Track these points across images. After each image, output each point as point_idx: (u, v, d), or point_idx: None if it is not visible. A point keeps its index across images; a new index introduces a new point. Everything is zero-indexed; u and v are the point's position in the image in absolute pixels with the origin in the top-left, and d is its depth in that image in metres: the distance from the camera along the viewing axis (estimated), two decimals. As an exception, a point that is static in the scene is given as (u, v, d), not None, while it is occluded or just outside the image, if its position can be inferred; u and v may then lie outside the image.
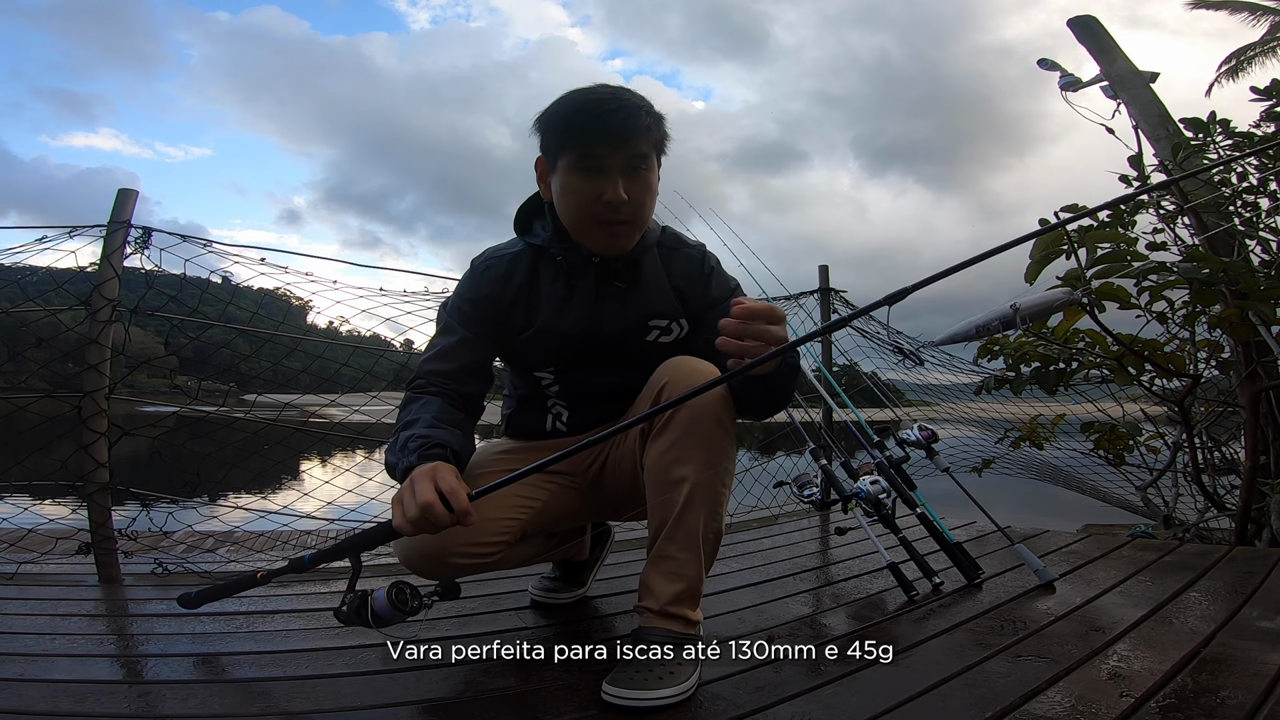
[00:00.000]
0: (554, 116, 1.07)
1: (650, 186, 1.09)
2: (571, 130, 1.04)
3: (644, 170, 1.07)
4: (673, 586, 0.99)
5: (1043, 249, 1.97)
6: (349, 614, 0.98)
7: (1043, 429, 2.71)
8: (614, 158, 1.04)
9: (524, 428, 1.26)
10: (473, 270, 1.18)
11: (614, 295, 1.15)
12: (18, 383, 2.02)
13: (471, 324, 1.14)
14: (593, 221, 1.07)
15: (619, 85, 1.09)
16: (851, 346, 3.09)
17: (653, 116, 1.07)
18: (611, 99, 1.04)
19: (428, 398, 1.09)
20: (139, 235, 1.77)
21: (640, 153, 1.05)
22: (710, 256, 1.22)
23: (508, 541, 1.09)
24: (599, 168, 1.04)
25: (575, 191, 1.06)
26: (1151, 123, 2.71)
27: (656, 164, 1.10)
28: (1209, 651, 1.08)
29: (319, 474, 2.31)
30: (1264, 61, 10.66)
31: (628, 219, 1.07)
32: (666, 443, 1.01)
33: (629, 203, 1.05)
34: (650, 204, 1.11)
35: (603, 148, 1.03)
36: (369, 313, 2.23)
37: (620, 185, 1.04)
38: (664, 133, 1.10)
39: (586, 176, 1.04)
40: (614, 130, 1.02)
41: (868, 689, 0.96)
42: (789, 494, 1.72)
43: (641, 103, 1.06)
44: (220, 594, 1.19)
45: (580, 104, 1.05)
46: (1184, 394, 2.24)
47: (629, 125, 1.03)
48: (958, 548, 1.54)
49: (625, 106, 1.04)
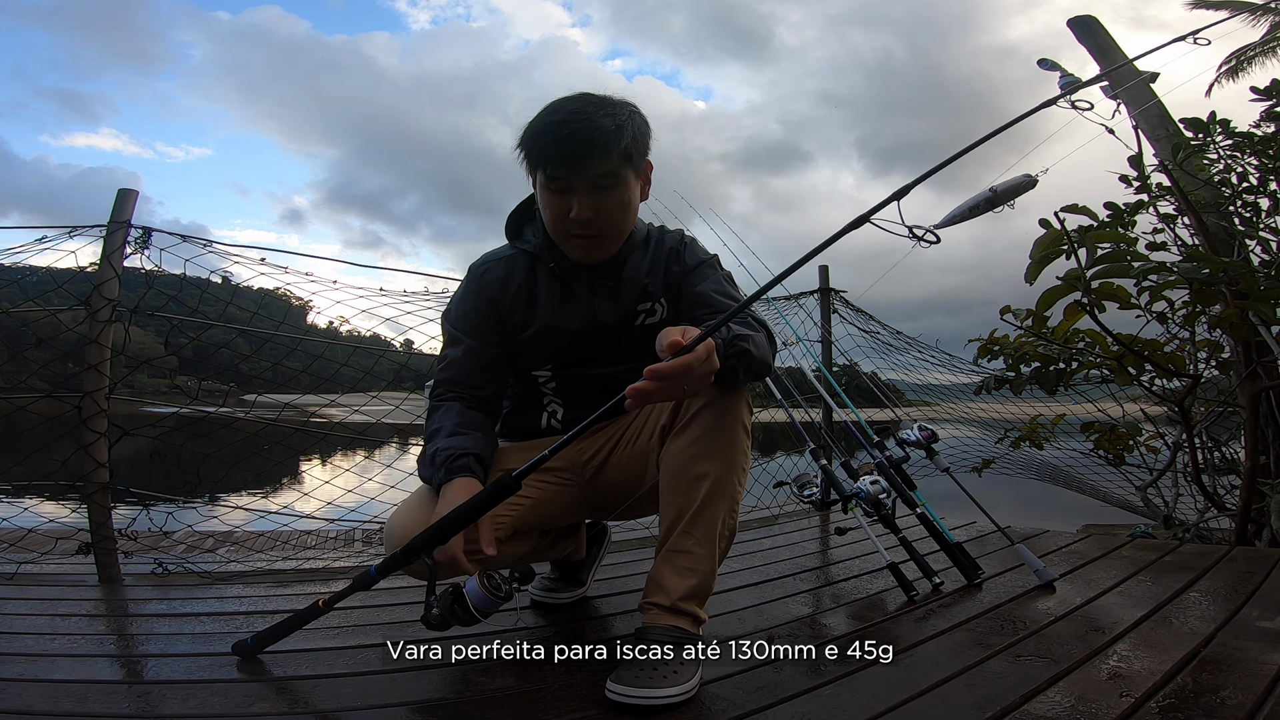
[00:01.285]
0: (523, 137, 1.08)
1: (622, 201, 1.10)
2: (533, 153, 1.07)
3: (612, 187, 1.07)
4: (685, 581, 0.99)
5: (1043, 249, 1.97)
6: (443, 614, 0.94)
7: (1043, 429, 2.71)
8: (576, 178, 1.05)
9: (520, 427, 1.26)
10: (471, 276, 1.21)
11: (606, 291, 1.18)
12: (18, 383, 2.03)
13: (476, 331, 1.18)
14: (565, 235, 1.11)
15: (597, 97, 1.08)
16: (852, 347, 3.09)
17: (618, 133, 1.04)
18: (569, 122, 1.03)
19: (447, 404, 1.16)
20: (139, 235, 1.77)
21: (604, 171, 1.06)
22: (687, 236, 1.27)
23: (498, 538, 1.09)
24: (565, 188, 1.06)
25: (547, 208, 1.10)
26: (1151, 123, 2.71)
27: (633, 176, 1.10)
28: (1209, 651, 1.08)
29: (319, 474, 2.31)
30: (1264, 61, 10.67)
31: (598, 233, 1.10)
32: (689, 439, 1.03)
33: (597, 218, 1.08)
34: (624, 216, 1.12)
35: (563, 169, 1.05)
36: (369, 313, 2.24)
37: (585, 204, 1.06)
38: (639, 143, 1.10)
39: (555, 195, 1.07)
40: (571, 155, 1.04)
41: (868, 689, 0.96)
42: (789, 494, 1.73)
43: (603, 121, 1.04)
44: (280, 634, 1.07)
45: (540, 128, 1.06)
46: (1184, 394, 2.24)
47: (584, 148, 1.03)
48: (958, 548, 1.54)
49: (582, 129, 1.02)
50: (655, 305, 1.21)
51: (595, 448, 1.20)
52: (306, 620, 1.06)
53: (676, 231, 1.27)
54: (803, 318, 3.02)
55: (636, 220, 1.19)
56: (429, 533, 0.95)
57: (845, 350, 3.06)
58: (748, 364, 0.97)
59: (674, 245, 1.24)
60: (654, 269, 1.21)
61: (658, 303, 1.21)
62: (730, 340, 0.95)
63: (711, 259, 1.24)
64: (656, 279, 1.21)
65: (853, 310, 3.12)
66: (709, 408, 1.02)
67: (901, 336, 3.31)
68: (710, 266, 1.22)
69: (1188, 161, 2.34)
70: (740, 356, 0.95)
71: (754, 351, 0.97)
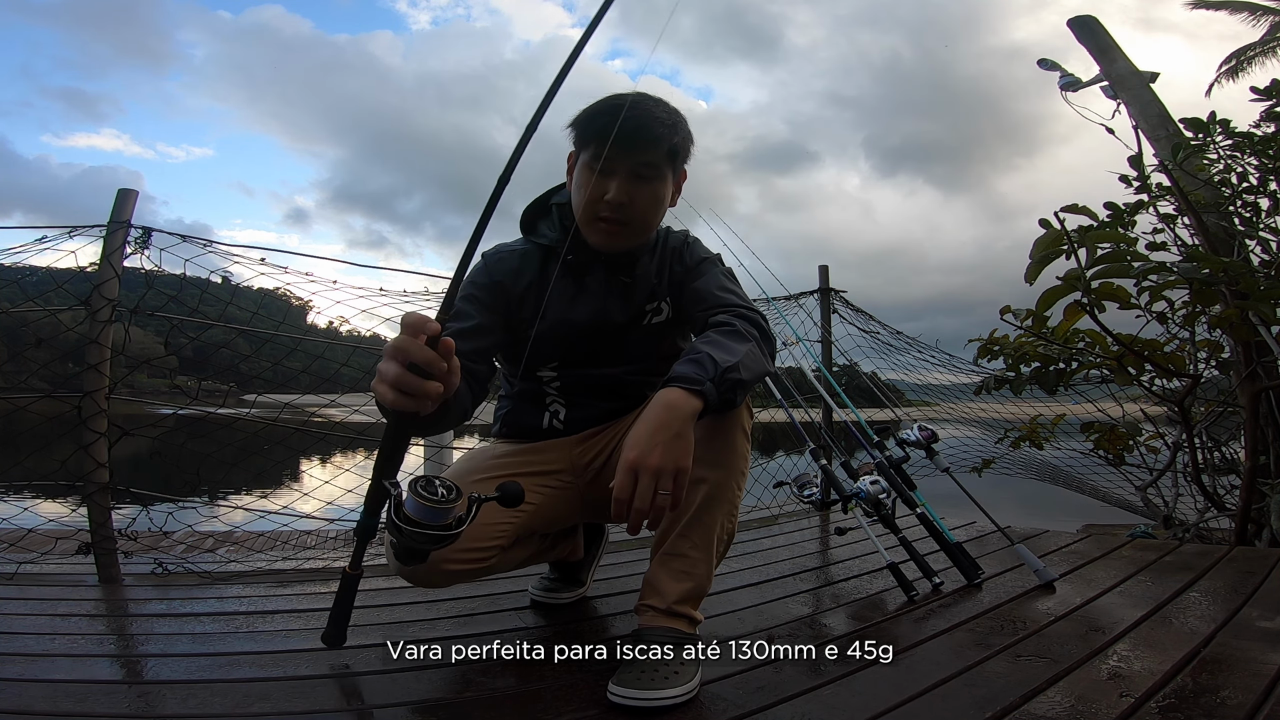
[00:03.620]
0: (582, 116, 1.11)
1: (657, 195, 1.13)
2: (591, 130, 1.09)
3: (651, 178, 1.11)
4: (681, 585, 1.00)
5: (1043, 249, 1.97)
6: (396, 546, 0.82)
7: (1043, 429, 2.71)
8: (622, 161, 1.08)
9: (520, 426, 1.26)
10: (484, 261, 1.20)
11: (618, 290, 1.19)
12: (18, 383, 2.02)
13: (485, 311, 1.15)
14: (593, 217, 1.11)
15: (654, 97, 1.13)
16: (852, 347, 3.09)
17: (672, 129, 1.11)
18: (633, 106, 1.08)
19: None
20: (139, 235, 1.77)
21: (649, 161, 1.10)
22: (690, 236, 1.28)
23: (501, 546, 1.09)
24: (608, 169, 1.08)
25: (584, 187, 1.11)
26: (1151, 123, 2.71)
27: (670, 175, 1.14)
28: (1209, 651, 1.08)
29: (319, 474, 2.31)
30: (1264, 61, 10.67)
31: (626, 221, 1.11)
32: None
33: (629, 206, 1.10)
34: (654, 211, 1.14)
35: (613, 149, 1.07)
36: (369, 313, 2.23)
37: (623, 188, 1.08)
38: (684, 146, 1.15)
39: (597, 175, 1.09)
40: (625, 136, 1.06)
41: (868, 689, 0.96)
42: (789, 494, 1.73)
43: (662, 115, 1.10)
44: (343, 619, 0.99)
45: (605, 107, 1.09)
46: (1184, 394, 2.24)
47: (640, 133, 1.08)
48: (958, 548, 1.54)
49: (642, 115, 1.08)
50: (661, 305, 1.22)
51: (595, 450, 1.20)
52: (352, 594, 0.98)
53: (681, 232, 1.29)
54: (803, 318, 3.03)
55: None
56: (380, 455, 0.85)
57: (845, 350, 3.06)
58: (743, 390, 0.97)
59: (677, 245, 1.25)
60: (661, 269, 1.22)
61: (663, 302, 1.22)
62: (719, 378, 0.92)
63: (712, 257, 1.25)
64: (663, 279, 1.22)
65: (853, 310, 3.13)
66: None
67: (901, 336, 3.32)
68: (711, 264, 1.23)
69: (1188, 161, 2.34)
70: (733, 388, 0.93)
71: (746, 377, 0.96)
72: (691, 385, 0.89)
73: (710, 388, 0.90)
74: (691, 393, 0.89)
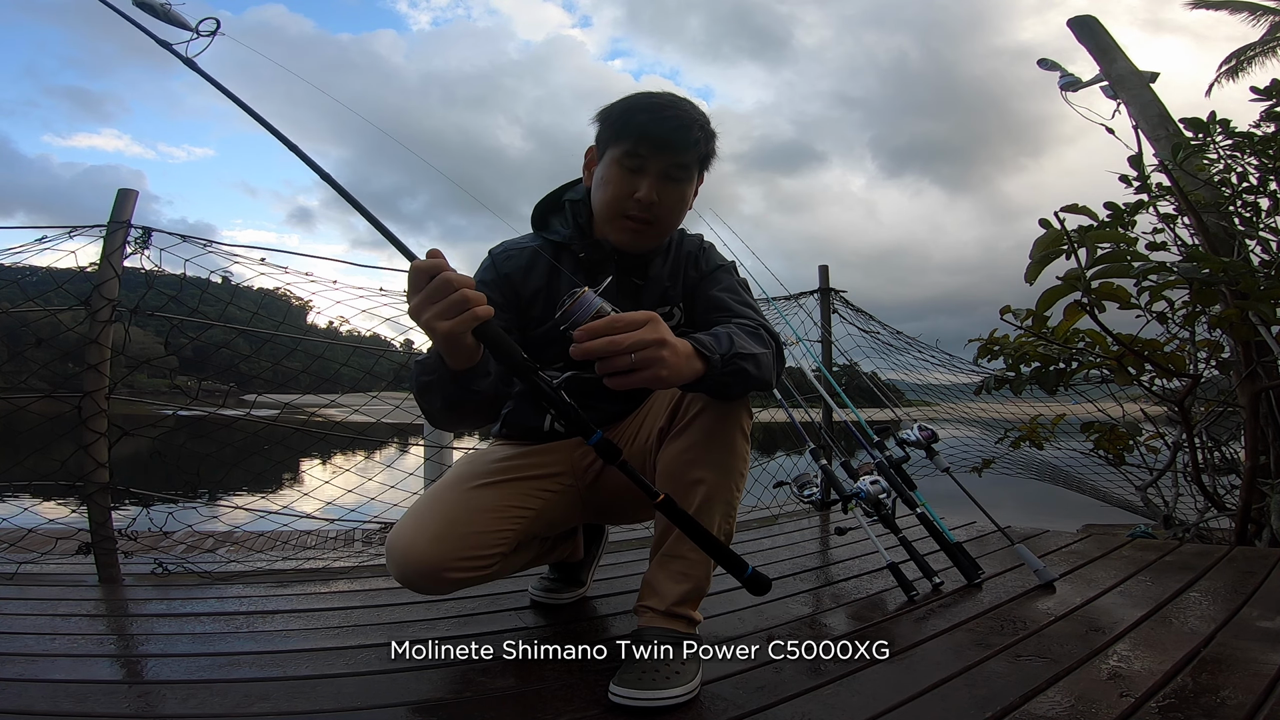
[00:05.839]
0: (616, 111, 1.11)
1: (683, 197, 1.13)
2: (627, 126, 1.08)
3: (681, 180, 1.11)
4: (679, 587, 0.99)
5: (1043, 249, 1.97)
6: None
7: (1043, 429, 2.71)
8: (656, 160, 1.08)
9: (521, 427, 1.25)
10: (492, 257, 1.20)
11: (630, 291, 1.18)
12: (18, 383, 2.02)
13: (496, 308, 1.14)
14: (620, 215, 1.11)
15: (685, 98, 1.13)
16: (852, 347, 3.09)
17: (705, 133, 1.11)
18: (671, 107, 1.08)
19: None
20: (139, 235, 1.77)
21: (682, 163, 1.10)
22: (705, 241, 1.28)
23: (503, 553, 1.09)
24: (640, 167, 1.08)
25: (612, 184, 1.10)
26: (1151, 123, 2.71)
27: (696, 178, 1.15)
28: (1209, 651, 1.08)
29: (319, 474, 2.31)
30: (1264, 61, 10.67)
31: (652, 220, 1.11)
32: (685, 444, 1.02)
33: (658, 205, 1.09)
34: (679, 213, 1.15)
35: (648, 148, 1.07)
36: (369, 313, 2.24)
37: (654, 187, 1.08)
38: (712, 150, 1.15)
39: (626, 173, 1.08)
40: (664, 135, 1.06)
41: (868, 689, 0.96)
42: (789, 494, 1.72)
43: (698, 117, 1.10)
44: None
45: (642, 104, 1.09)
46: (1184, 394, 2.24)
47: (679, 135, 1.08)
48: (958, 548, 1.54)
49: (680, 116, 1.08)
50: (674, 310, 1.20)
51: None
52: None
53: (695, 236, 1.28)
54: (803, 318, 3.03)
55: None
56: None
57: (845, 350, 3.06)
58: (743, 383, 0.95)
59: (693, 250, 1.24)
60: (675, 273, 1.21)
61: (676, 307, 1.21)
62: (729, 357, 0.91)
63: (728, 264, 1.24)
64: (676, 283, 1.20)
65: (853, 310, 3.13)
66: (706, 411, 1.02)
67: (901, 336, 3.32)
68: (726, 271, 1.22)
69: (1188, 161, 2.34)
70: (736, 375, 0.92)
71: (752, 373, 0.95)
72: (702, 348, 0.87)
73: (718, 360, 0.89)
74: (699, 354, 0.87)
